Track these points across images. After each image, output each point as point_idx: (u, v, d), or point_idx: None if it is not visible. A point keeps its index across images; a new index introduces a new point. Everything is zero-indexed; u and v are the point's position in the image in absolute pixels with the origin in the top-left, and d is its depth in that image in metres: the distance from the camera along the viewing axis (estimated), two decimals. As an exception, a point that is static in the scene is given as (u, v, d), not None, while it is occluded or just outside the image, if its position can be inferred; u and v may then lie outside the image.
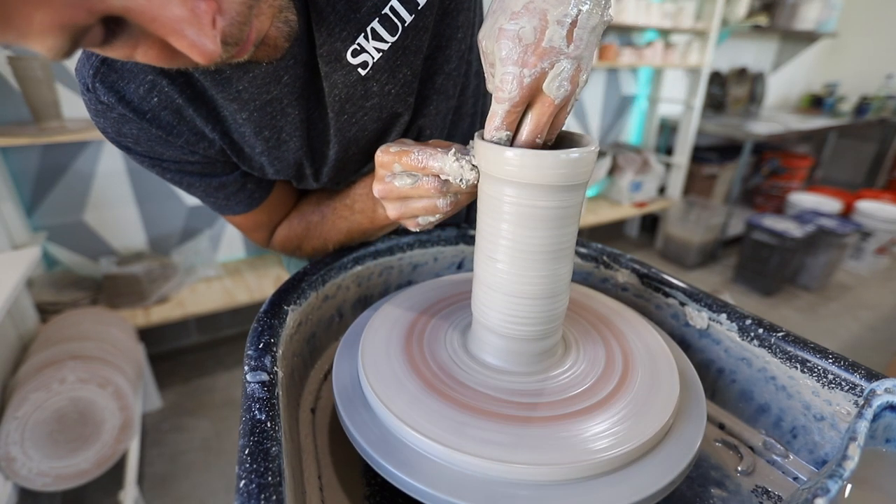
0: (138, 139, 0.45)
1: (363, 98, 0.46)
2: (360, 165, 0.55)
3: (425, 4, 0.44)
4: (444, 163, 0.37)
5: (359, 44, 0.43)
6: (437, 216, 0.42)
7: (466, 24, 0.51)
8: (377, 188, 0.42)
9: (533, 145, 0.34)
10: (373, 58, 0.44)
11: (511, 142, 0.35)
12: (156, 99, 0.42)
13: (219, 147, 0.47)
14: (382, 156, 0.41)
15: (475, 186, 0.38)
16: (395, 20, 0.43)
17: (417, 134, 0.56)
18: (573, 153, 0.32)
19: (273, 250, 0.63)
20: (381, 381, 0.37)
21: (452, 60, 0.51)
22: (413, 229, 0.45)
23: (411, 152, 0.39)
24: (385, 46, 0.44)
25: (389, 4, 0.42)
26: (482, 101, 0.64)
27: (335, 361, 0.41)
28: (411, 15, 0.43)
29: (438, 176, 0.38)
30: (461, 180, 0.38)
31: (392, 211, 0.42)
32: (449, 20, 0.49)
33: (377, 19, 0.42)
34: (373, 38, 0.43)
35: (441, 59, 0.51)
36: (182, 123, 0.44)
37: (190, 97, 0.43)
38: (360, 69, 0.44)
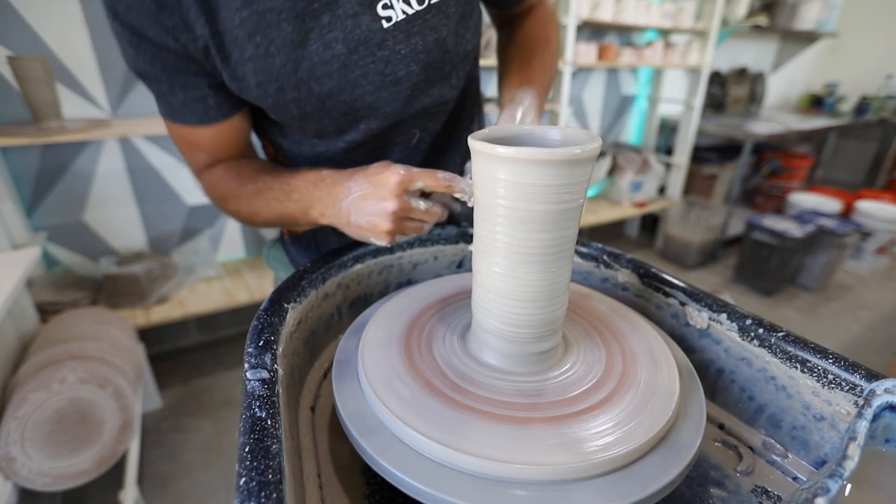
0: (130, 6, 0.45)
1: (377, 47, 0.49)
2: (338, 122, 0.54)
3: None
4: (464, 185, 0.44)
5: (391, 0, 0.48)
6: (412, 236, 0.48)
7: (474, 46, 0.59)
8: (392, 204, 0.45)
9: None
10: (397, 16, 0.49)
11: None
12: None
13: (202, 46, 0.46)
14: (402, 174, 0.44)
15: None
16: None
17: (410, 133, 0.58)
18: (568, 151, 0.32)
19: (199, 183, 0.61)
20: (381, 381, 0.37)
21: (452, 75, 0.57)
22: (382, 244, 0.48)
23: (434, 174, 0.45)
24: (410, 11, 0.49)
25: None
26: (478, 120, 0.71)
27: (335, 360, 0.41)
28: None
29: (443, 204, 0.47)
30: (469, 199, 0.44)
31: (389, 225, 0.45)
32: (462, 30, 0.55)
33: None
34: (402, 0, 0.48)
35: (445, 66, 0.55)
36: (177, 7, 0.44)
37: None
38: (384, 21, 0.48)
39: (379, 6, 0.48)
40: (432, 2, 0.50)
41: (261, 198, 0.54)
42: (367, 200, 0.45)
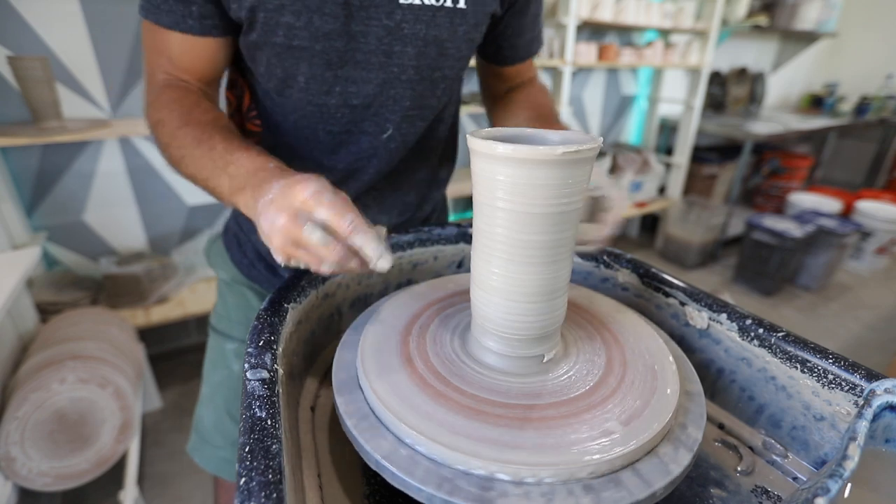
0: None
1: (386, 15, 0.50)
2: (316, 74, 0.52)
3: (466, 9, 0.53)
4: (368, 244, 0.36)
5: None
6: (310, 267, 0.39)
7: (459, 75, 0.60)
8: (282, 219, 0.36)
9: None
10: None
11: None
12: None
13: None
14: (310, 193, 0.37)
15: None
16: None
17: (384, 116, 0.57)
18: (568, 150, 0.32)
19: (146, 95, 0.55)
20: (380, 381, 0.37)
21: (440, 86, 0.58)
22: (279, 261, 0.40)
23: (345, 215, 0.36)
24: (427, 1, 0.51)
25: None
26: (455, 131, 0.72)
27: (335, 360, 0.41)
28: (452, 4, 0.52)
29: (350, 248, 0.37)
30: (373, 266, 0.37)
31: (278, 242, 0.37)
32: (461, 48, 0.56)
33: None
34: None
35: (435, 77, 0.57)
36: None
37: None
38: None
39: None
40: (446, 4, 0.52)
41: (197, 149, 0.48)
42: (271, 206, 0.38)
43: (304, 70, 0.52)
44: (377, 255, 0.37)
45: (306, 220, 0.36)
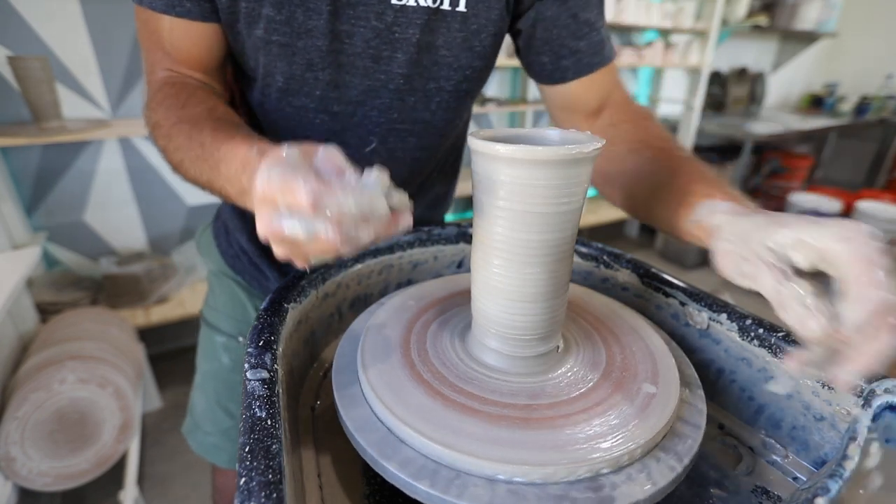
0: None
1: (376, 16, 0.47)
2: (296, 73, 0.49)
3: (467, 13, 0.49)
4: (347, 199, 0.28)
5: None
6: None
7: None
8: (261, 227, 0.31)
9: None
10: (408, 0, 0.47)
11: None
12: None
13: None
14: (264, 185, 0.30)
15: (389, 218, 0.31)
16: None
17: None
18: (569, 150, 0.32)
19: (146, 96, 0.51)
20: (380, 381, 0.37)
21: (434, 98, 0.53)
22: (300, 267, 0.35)
23: (297, 186, 0.28)
24: (422, 3, 0.47)
25: None
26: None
27: (335, 360, 0.41)
28: (451, 7, 0.48)
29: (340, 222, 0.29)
30: (372, 215, 0.30)
31: (279, 251, 0.32)
32: (463, 58, 0.52)
33: None
34: None
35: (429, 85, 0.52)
36: None
37: None
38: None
39: None
40: (443, 6, 0.47)
41: (190, 149, 0.42)
42: (256, 209, 0.32)
43: (283, 69, 0.49)
44: (367, 207, 0.29)
45: (279, 216, 0.29)
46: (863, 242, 0.27)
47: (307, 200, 0.28)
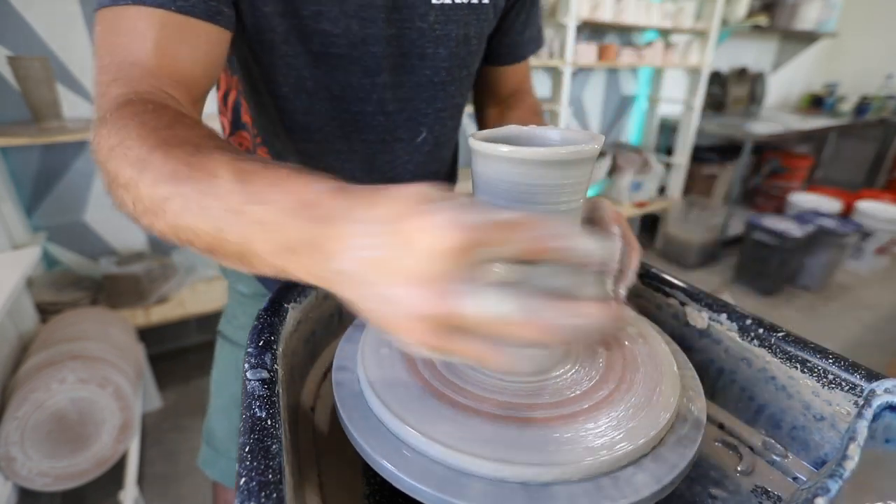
0: None
1: (420, 17, 0.49)
2: (346, 71, 0.48)
3: (487, 3, 0.52)
4: (579, 242, 0.21)
5: None
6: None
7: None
8: (429, 300, 0.20)
9: None
10: None
11: None
12: None
13: None
14: (461, 228, 0.20)
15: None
16: None
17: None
18: (569, 150, 0.32)
19: (93, 124, 0.35)
20: (380, 381, 0.37)
21: (465, 81, 0.57)
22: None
23: (522, 224, 0.21)
24: (460, 1, 0.50)
25: None
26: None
27: (335, 360, 0.41)
28: (478, 0, 0.52)
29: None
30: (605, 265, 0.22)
31: (420, 335, 0.21)
32: (480, 42, 0.56)
33: None
34: None
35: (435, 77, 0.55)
36: None
37: None
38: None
39: None
40: (472, 0, 0.52)
41: (188, 184, 0.28)
42: (380, 272, 0.22)
43: (340, 79, 0.50)
44: (600, 253, 0.21)
45: (471, 280, 0.20)
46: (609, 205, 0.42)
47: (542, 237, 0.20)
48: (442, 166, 0.66)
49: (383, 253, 0.21)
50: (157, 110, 0.34)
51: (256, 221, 0.25)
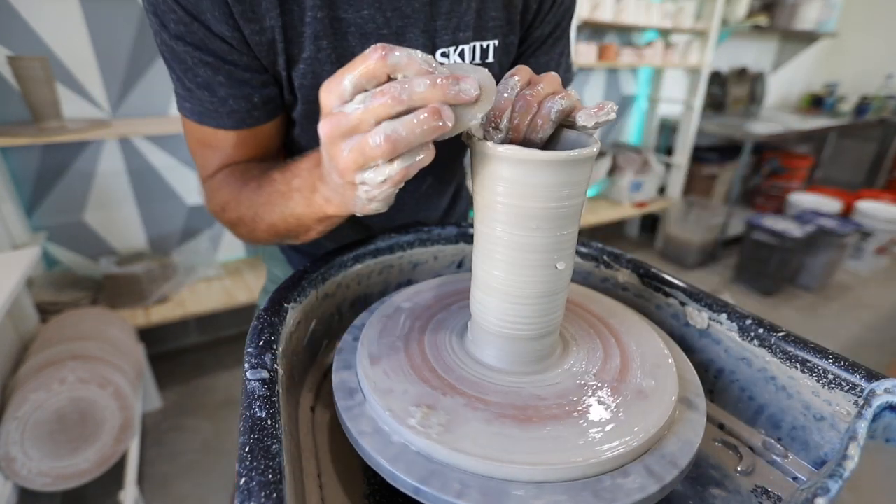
0: None
1: None
2: None
3: (493, 62, 0.54)
4: (406, 49, 0.28)
5: (448, 51, 0.52)
6: (395, 166, 0.30)
7: None
8: (322, 126, 0.31)
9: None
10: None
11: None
12: None
13: (267, 39, 0.44)
14: (330, 81, 0.30)
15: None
16: (474, 55, 0.53)
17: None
18: (570, 153, 0.32)
19: (203, 191, 0.55)
20: (380, 381, 0.37)
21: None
22: (366, 206, 0.34)
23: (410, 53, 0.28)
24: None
25: (478, 43, 0.53)
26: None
27: (335, 360, 0.41)
28: (481, 61, 0.54)
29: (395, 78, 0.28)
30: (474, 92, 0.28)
31: (346, 158, 0.30)
32: None
33: (469, 47, 0.52)
34: (457, 55, 0.52)
35: None
36: None
37: None
38: None
39: (438, 52, 0.51)
40: (475, 61, 0.53)
41: (262, 193, 0.45)
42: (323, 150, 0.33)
43: None
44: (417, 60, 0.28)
45: (342, 104, 0.30)
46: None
47: (371, 55, 0.28)
48: (444, 198, 0.70)
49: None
50: (235, 171, 0.51)
51: (296, 189, 0.41)
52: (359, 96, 0.29)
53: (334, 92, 0.29)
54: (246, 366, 0.35)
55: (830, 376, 0.37)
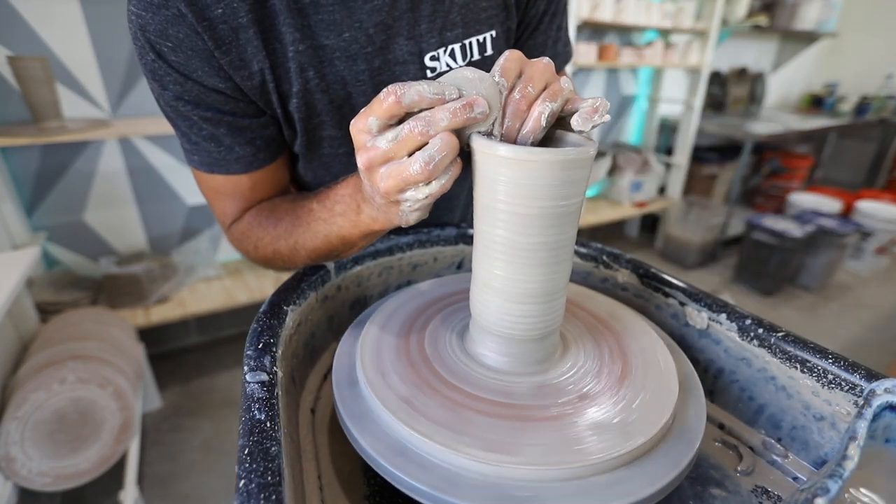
0: (179, 46, 0.41)
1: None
2: None
3: (493, 55, 0.53)
4: (415, 87, 0.32)
5: (437, 53, 0.51)
6: (433, 185, 0.34)
7: None
8: (360, 158, 0.35)
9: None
10: (441, 68, 0.52)
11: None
12: (220, 10, 0.41)
13: (258, 82, 0.45)
14: (356, 121, 0.34)
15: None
16: (469, 51, 0.52)
17: None
18: (569, 152, 0.32)
19: (228, 237, 0.56)
20: (380, 382, 0.37)
21: None
22: (409, 218, 0.38)
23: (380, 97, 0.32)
24: (454, 65, 0.52)
25: (471, 39, 0.52)
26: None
27: (335, 361, 0.41)
28: (479, 55, 0.53)
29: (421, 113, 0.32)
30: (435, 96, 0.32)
31: (387, 183, 0.34)
32: None
33: (459, 45, 0.51)
34: (448, 55, 0.52)
35: None
36: (234, 43, 0.43)
37: (256, 18, 0.43)
38: (428, 72, 0.51)
39: (427, 57, 0.51)
40: (472, 60, 0.53)
41: (301, 224, 0.47)
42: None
43: (339, 171, 0.53)
44: (427, 92, 0.32)
45: (373, 137, 0.34)
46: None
47: (387, 99, 0.32)
48: (460, 198, 0.68)
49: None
50: (261, 210, 0.53)
51: (339, 214, 0.44)
52: (389, 133, 0.33)
53: (363, 129, 0.34)
54: (245, 368, 0.35)
55: (830, 376, 0.37)
